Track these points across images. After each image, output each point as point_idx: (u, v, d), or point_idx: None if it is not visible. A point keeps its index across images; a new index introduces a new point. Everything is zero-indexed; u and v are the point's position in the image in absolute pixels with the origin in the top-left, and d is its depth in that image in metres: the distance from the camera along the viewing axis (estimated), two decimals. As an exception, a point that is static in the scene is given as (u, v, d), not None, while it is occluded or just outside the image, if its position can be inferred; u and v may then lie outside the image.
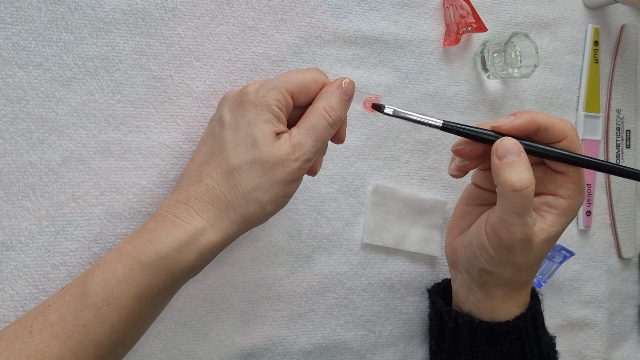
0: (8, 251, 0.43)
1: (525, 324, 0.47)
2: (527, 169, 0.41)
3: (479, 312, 0.48)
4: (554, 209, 0.43)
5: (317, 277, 0.53)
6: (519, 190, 0.40)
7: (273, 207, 0.41)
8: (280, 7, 0.51)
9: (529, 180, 0.40)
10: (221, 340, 0.50)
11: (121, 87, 0.46)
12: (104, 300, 0.37)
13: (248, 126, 0.40)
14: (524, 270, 0.44)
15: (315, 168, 0.43)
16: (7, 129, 0.43)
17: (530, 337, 0.47)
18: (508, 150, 0.41)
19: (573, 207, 0.43)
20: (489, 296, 0.47)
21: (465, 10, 0.54)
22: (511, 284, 0.46)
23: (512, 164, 0.41)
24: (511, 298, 0.47)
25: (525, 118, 0.42)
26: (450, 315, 0.49)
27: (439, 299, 0.52)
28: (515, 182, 0.40)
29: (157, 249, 0.38)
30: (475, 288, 0.47)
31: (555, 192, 0.43)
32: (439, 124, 0.43)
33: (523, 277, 0.46)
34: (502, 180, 0.41)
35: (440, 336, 0.51)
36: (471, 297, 0.48)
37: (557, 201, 0.43)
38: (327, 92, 0.42)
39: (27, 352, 0.35)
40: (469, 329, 0.48)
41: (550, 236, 0.43)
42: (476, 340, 0.47)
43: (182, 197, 0.40)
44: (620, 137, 0.64)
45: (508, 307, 0.47)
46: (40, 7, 0.44)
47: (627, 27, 0.64)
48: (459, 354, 0.49)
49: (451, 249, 0.50)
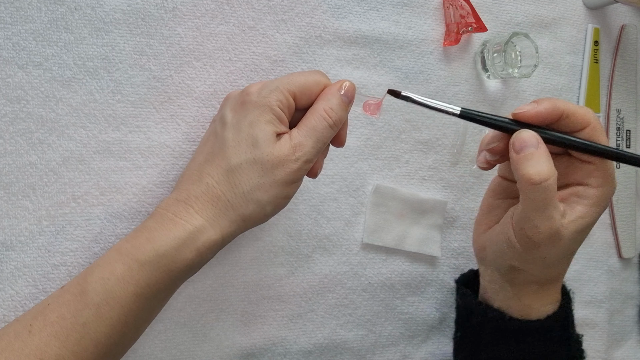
0: (8, 251, 0.43)
1: (556, 324, 0.45)
2: (546, 161, 0.39)
3: (509, 309, 0.46)
4: (584, 199, 0.41)
5: (317, 277, 0.53)
6: (538, 183, 0.38)
7: (272, 207, 0.41)
8: (280, 7, 0.51)
9: (549, 172, 0.39)
10: (221, 340, 0.50)
11: (121, 87, 0.46)
12: (103, 299, 0.37)
13: (249, 126, 0.40)
14: (553, 265, 0.43)
15: (316, 170, 0.43)
16: (7, 129, 0.43)
17: (559, 337, 0.46)
18: (525, 142, 0.40)
19: (604, 196, 0.42)
20: (519, 294, 0.45)
21: (465, 10, 0.54)
22: (541, 281, 0.45)
23: (529, 157, 0.39)
24: (542, 295, 0.45)
25: (547, 105, 0.41)
26: (480, 309, 0.48)
27: (469, 291, 0.50)
28: (533, 175, 0.39)
29: (156, 247, 0.38)
30: (506, 285, 0.46)
31: (584, 182, 0.42)
32: (457, 111, 0.42)
33: (553, 273, 0.44)
34: (521, 175, 0.39)
35: (465, 328, 0.50)
36: (501, 294, 0.47)
37: (587, 191, 0.41)
38: (328, 93, 0.42)
39: (27, 351, 0.35)
40: (497, 324, 0.46)
41: (581, 228, 0.41)
42: (503, 337, 0.46)
43: (181, 196, 0.40)
44: (620, 137, 0.64)
45: (539, 305, 0.45)
46: (40, 7, 0.44)
47: (627, 27, 0.64)
48: (481, 349, 0.48)
49: (479, 246, 0.48)
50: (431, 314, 0.57)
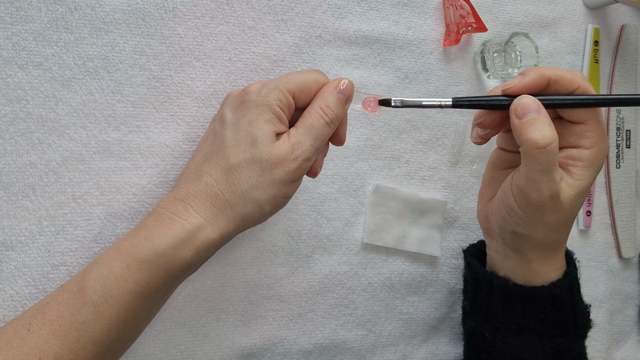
0: (8, 251, 0.43)
1: (562, 291, 0.46)
2: (549, 125, 0.40)
3: (515, 277, 0.47)
4: (578, 161, 0.42)
5: (317, 277, 0.53)
6: (544, 147, 0.39)
7: (271, 207, 0.41)
8: (280, 7, 0.51)
9: (553, 135, 0.40)
10: (221, 340, 0.50)
11: (121, 87, 0.46)
12: (102, 298, 0.37)
13: (249, 125, 0.40)
14: (556, 229, 0.44)
15: (316, 169, 0.43)
16: (7, 129, 0.43)
17: (565, 304, 0.46)
18: (527, 108, 0.40)
19: (598, 156, 0.42)
20: (524, 260, 0.46)
21: (465, 10, 0.55)
22: (546, 245, 0.45)
23: (533, 122, 0.40)
24: (547, 260, 0.46)
25: (534, 74, 0.41)
26: (486, 277, 0.48)
27: (476, 260, 0.51)
28: (539, 139, 0.39)
29: (155, 246, 0.38)
30: (511, 253, 0.46)
31: (577, 144, 0.42)
32: (449, 102, 0.43)
33: (557, 237, 0.45)
34: (526, 139, 0.40)
35: (474, 298, 0.50)
36: (507, 263, 0.47)
37: (581, 153, 0.42)
38: (325, 92, 0.42)
39: (26, 349, 0.35)
40: (503, 292, 0.47)
41: (580, 190, 0.42)
42: (510, 304, 0.47)
43: (180, 195, 0.40)
44: (620, 137, 0.64)
45: (545, 271, 0.46)
46: (40, 7, 0.44)
47: (627, 27, 0.64)
48: (492, 316, 0.48)
49: (483, 216, 0.49)
50: (431, 314, 0.57)
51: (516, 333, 0.47)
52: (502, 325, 0.47)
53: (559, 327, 0.46)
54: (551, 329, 0.46)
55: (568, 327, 0.46)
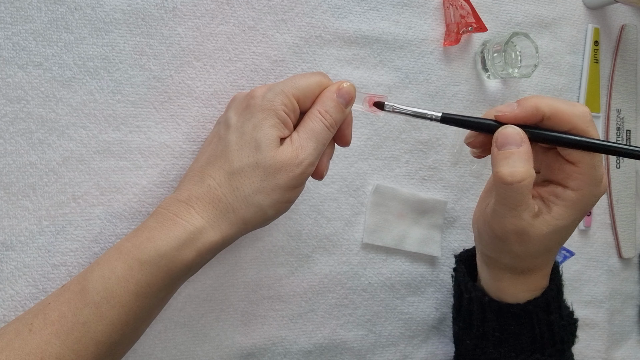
0: (8, 251, 0.43)
1: (536, 309, 0.45)
2: (524, 162, 0.38)
3: (489, 290, 0.47)
4: (561, 200, 0.40)
5: (317, 277, 0.53)
6: (510, 184, 0.38)
7: (274, 211, 0.41)
8: (280, 7, 0.51)
9: (523, 173, 0.38)
10: (221, 340, 0.50)
11: (121, 87, 0.46)
12: (103, 298, 0.37)
13: (253, 130, 0.40)
14: (525, 258, 0.43)
15: (322, 172, 0.43)
16: (7, 129, 0.43)
17: (541, 322, 0.45)
18: (507, 139, 0.39)
19: (583, 201, 0.40)
20: (495, 277, 0.46)
21: (465, 10, 0.55)
22: (515, 270, 0.44)
23: (508, 155, 0.38)
24: (518, 282, 0.45)
25: (528, 107, 0.39)
26: (467, 287, 0.48)
27: (463, 267, 0.50)
28: (507, 175, 0.38)
29: (157, 247, 0.38)
30: (484, 267, 0.47)
31: (564, 183, 0.40)
32: (438, 116, 0.42)
33: (526, 265, 0.44)
34: (495, 172, 0.39)
35: (458, 305, 0.50)
36: (482, 275, 0.48)
37: (565, 192, 0.40)
38: (324, 95, 0.42)
39: (27, 349, 0.35)
40: (479, 304, 0.47)
41: (556, 229, 0.40)
42: (486, 317, 0.47)
43: (183, 196, 0.40)
44: (620, 137, 0.64)
45: (515, 291, 0.45)
46: (40, 7, 0.44)
47: (627, 27, 0.64)
48: (473, 325, 0.48)
49: (473, 222, 0.48)
50: (431, 314, 0.57)
51: (494, 345, 0.47)
52: (481, 335, 0.47)
53: (533, 343, 0.46)
54: (526, 344, 0.46)
55: (544, 344, 0.46)
